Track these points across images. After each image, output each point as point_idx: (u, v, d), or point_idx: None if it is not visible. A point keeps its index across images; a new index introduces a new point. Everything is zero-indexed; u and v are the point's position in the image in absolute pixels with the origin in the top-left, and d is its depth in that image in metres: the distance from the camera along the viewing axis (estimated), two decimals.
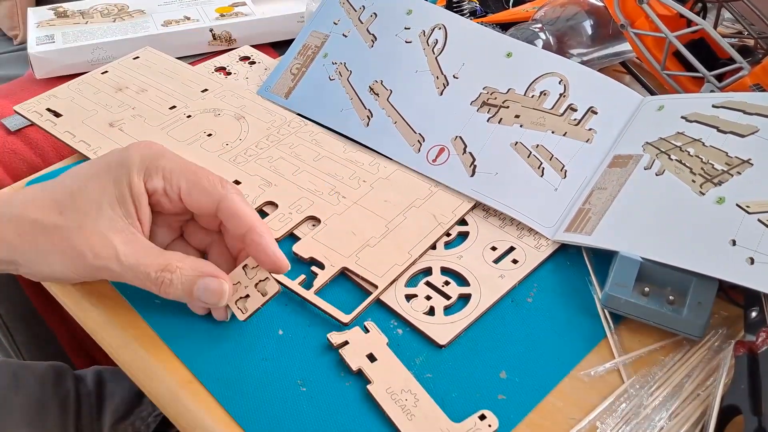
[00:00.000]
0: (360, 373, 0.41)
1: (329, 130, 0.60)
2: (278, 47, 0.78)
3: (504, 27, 0.69)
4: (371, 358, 0.41)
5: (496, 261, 0.49)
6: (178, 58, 0.76)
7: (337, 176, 0.54)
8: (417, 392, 0.40)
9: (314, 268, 0.47)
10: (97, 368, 0.62)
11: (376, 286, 0.46)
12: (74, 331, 0.75)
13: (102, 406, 0.58)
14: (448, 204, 0.52)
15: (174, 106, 0.61)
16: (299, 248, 0.48)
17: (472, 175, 0.54)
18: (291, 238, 0.50)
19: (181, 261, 0.40)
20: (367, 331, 0.43)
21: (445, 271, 0.48)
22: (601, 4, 0.65)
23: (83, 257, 0.39)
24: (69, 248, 0.39)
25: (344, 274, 0.47)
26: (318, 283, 0.46)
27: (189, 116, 0.60)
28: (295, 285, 0.46)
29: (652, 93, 0.65)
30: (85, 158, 0.56)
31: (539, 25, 0.65)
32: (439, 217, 0.51)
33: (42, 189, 0.42)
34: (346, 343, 0.42)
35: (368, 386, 0.40)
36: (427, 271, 0.48)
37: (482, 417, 0.39)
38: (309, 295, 0.45)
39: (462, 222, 0.52)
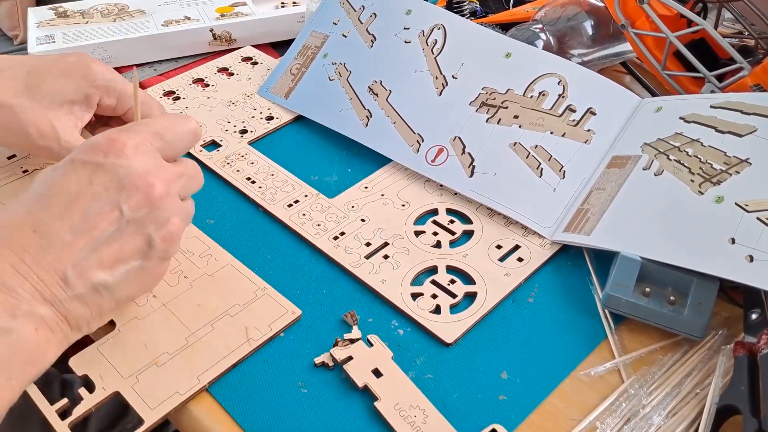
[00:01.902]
0: (366, 389, 0.40)
1: None
2: (278, 47, 0.79)
3: (504, 27, 0.69)
4: (377, 373, 0.41)
5: (502, 259, 0.49)
6: (179, 58, 0.76)
7: None
8: (426, 408, 0.39)
9: (81, 391, 0.40)
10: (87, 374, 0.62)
11: (142, 422, 0.38)
12: None
13: (87, 415, 0.58)
14: (269, 314, 0.44)
15: None
16: (76, 362, 0.41)
17: (471, 176, 0.54)
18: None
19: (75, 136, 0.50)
20: (371, 345, 0.42)
21: (450, 269, 0.48)
22: (601, 4, 0.65)
23: (28, 135, 0.48)
24: (17, 126, 0.48)
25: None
26: (77, 412, 0.39)
27: None
28: (51, 413, 0.39)
29: (652, 93, 0.65)
30: None
31: (540, 26, 0.65)
32: (251, 331, 0.43)
33: (11, 66, 0.50)
34: (350, 358, 0.41)
35: (375, 403, 0.39)
36: (433, 270, 0.48)
37: (493, 431, 0.38)
38: (61, 428, 0.38)
39: (467, 220, 0.52)
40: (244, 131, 0.61)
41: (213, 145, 0.60)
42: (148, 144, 0.40)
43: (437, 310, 0.45)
